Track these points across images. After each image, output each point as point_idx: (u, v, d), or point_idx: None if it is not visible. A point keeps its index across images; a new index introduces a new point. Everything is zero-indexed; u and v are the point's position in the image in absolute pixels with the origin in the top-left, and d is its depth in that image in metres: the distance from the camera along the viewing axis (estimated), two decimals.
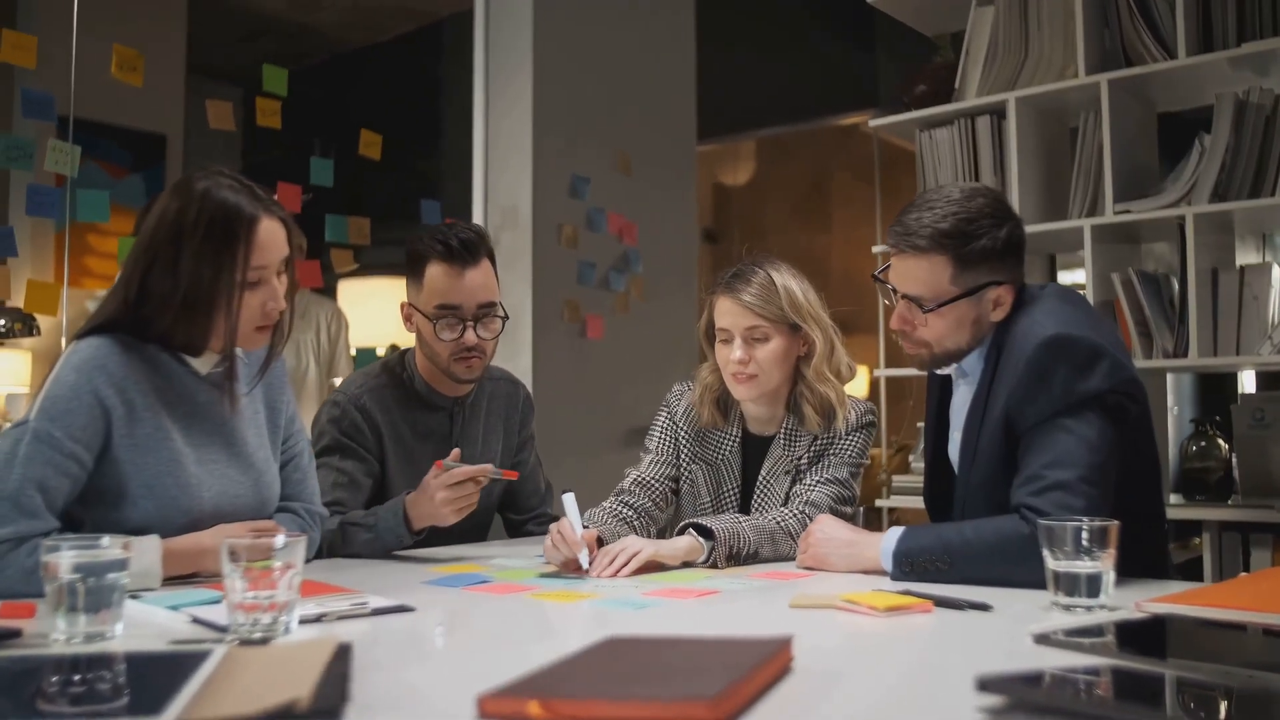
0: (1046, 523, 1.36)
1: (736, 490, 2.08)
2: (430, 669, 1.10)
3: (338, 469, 2.10)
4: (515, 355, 3.93)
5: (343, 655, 1.08)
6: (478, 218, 4.06)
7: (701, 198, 8.13)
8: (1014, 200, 2.81)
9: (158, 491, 1.62)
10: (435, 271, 2.09)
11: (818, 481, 1.99)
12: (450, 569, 1.77)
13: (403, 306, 2.16)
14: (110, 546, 1.22)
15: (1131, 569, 1.63)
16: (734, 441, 2.09)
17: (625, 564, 1.71)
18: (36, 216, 2.75)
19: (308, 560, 1.86)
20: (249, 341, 1.71)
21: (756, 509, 2.04)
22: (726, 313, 1.99)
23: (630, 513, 2.01)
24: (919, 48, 3.56)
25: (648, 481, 2.08)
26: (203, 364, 1.71)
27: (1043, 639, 1.15)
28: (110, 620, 1.20)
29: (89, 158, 5.72)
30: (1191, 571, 2.60)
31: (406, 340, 4.30)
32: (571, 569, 1.70)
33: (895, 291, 1.76)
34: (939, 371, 1.86)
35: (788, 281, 1.99)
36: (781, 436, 2.05)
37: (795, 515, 1.92)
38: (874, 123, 3.12)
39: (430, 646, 1.20)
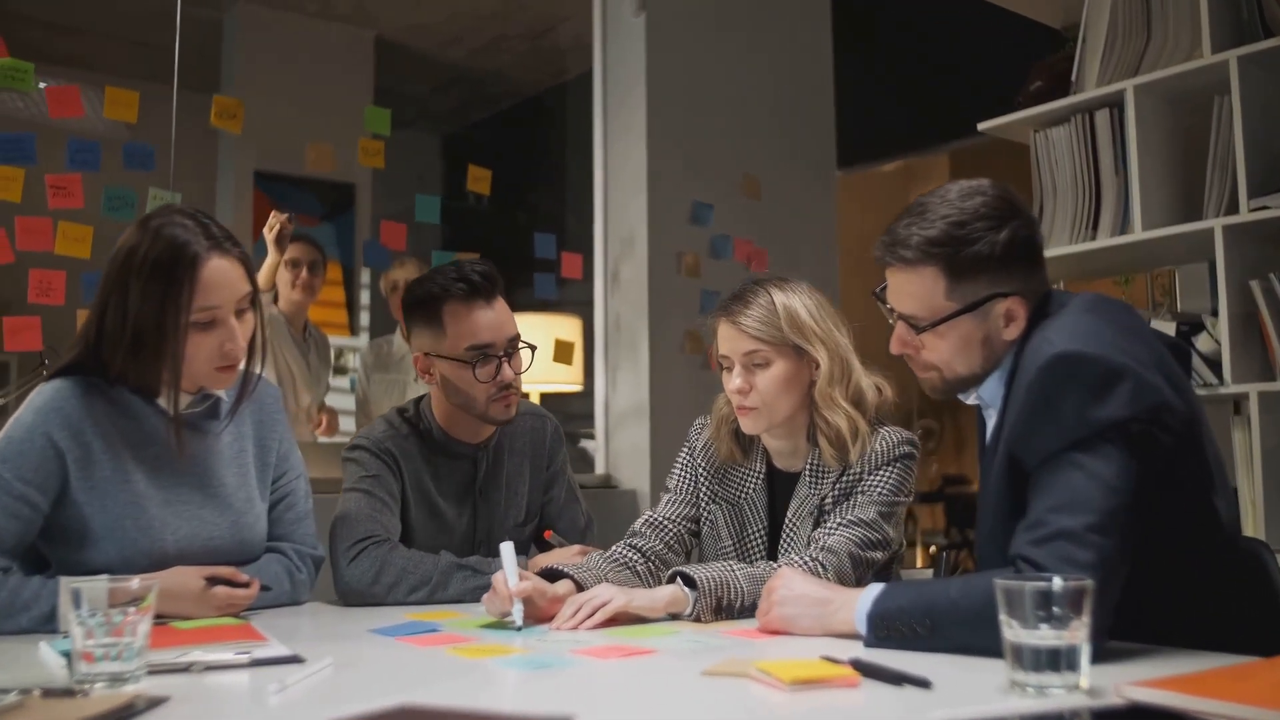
0: (1003, 582, 1.11)
1: (763, 532, 1.88)
2: None
3: (375, 496, 1.97)
4: (634, 389, 3.83)
5: (123, 712, 1.01)
6: (598, 250, 4.00)
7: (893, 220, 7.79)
8: (1135, 201, 2.46)
9: (118, 534, 1.61)
10: (459, 311, 1.96)
11: (839, 524, 1.76)
12: (411, 616, 1.67)
13: (418, 359, 2.03)
14: None
15: (1217, 640, 1.33)
16: (758, 479, 1.89)
17: (590, 615, 1.56)
18: None
19: (299, 603, 1.82)
20: (212, 382, 1.68)
21: (784, 553, 1.83)
22: (725, 338, 1.81)
23: (636, 556, 1.85)
24: None
25: (660, 522, 1.91)
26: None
27: None
28: None
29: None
30: None
31: (525, 378, 4.30)
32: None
33: (893, 311, 1.53)
34: (965, 400, 1.61)
35: (790, 300, 1.79)
36: (808, 473, 1.84)
37: (805, 563, 1.69)
38: (983, 125, 2.83)
39: (261, 704, 1.10)
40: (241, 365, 1.72)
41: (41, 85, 2.70)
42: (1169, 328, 2.39)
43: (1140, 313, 2.62)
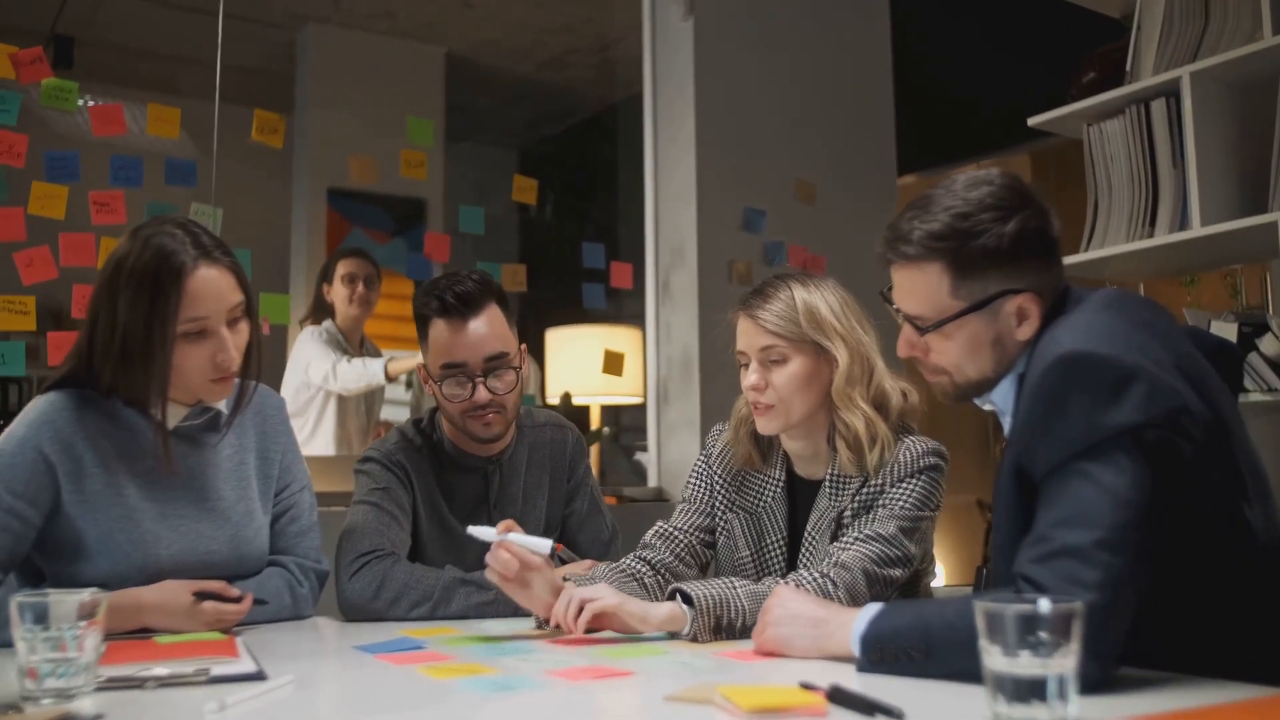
0: (985, 605, 1.02)
1: (782, 544, 1.79)
2: None
3: (383, 509, 1.93)
4: (685, 400, 3.76)
5: None
6: (649, 260, 3.94)
7: None
8: (1193, 195, 2.31)
9: (110, 547, 1.59)
10: (436, 329, 1.93)
11: (856, 538, 1.66)
12: (401, 632, 1.62)
13: (419, 369, 2.02)
14: None
15: (1248, 667, 1.20)
16: (777, 486, 1.81)
17: (578, 615, 1.50)
18: None
19: (303, 617, 1.79)
20: (206, 393, 1.66)
21: (804, 567, 1.74)
22: (742, 333, 1.75)
23: (644, 568, 1.77)
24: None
25: (671, 532, 1.84)
26: (170, 416, 1.67)
27: None
28: None
29: (355, 225, 6.14)
30: None
31: (585, 389, 4.26)
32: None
33: (899, 312, 1.44)
34: (983, 406, 1.50)
35: (811, 296, 1.71)
36: (829, 481, 1.75)
37: (814, 580, 1.59)
38: (1033, 120, 2.69)
39: None
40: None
41: (81, 102, 2.74)
42: (1230, 329, 2.23)
43: (1202, 314, 2.46)
